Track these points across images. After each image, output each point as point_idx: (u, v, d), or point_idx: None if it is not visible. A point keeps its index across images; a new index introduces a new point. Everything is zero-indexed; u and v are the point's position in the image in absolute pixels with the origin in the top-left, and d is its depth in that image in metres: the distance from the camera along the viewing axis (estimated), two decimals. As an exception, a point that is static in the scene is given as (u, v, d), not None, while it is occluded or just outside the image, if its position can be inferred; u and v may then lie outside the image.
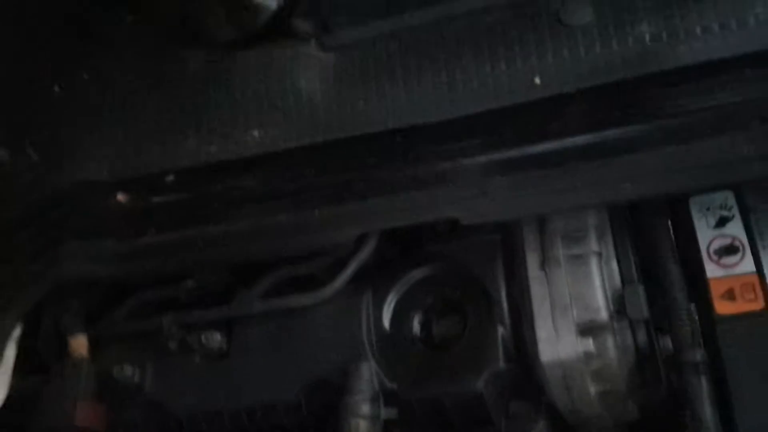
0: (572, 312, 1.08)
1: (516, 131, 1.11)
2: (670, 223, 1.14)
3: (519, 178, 1.08)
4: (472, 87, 1.14)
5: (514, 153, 1.10)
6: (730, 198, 1.14)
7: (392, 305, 1.20)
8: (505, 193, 1.08)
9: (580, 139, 1.08)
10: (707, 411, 1.01)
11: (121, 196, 1.29)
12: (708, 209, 1.15)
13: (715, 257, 1.12)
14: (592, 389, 1.10)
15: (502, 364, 1.11)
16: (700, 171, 1.01)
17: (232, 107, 1.26)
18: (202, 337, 1.25)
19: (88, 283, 1.28)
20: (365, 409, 1.11)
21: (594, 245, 1.11)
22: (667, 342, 1.10)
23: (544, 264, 1.11)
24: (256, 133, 1.25)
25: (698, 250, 1.12)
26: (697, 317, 1.08)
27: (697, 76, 1.04)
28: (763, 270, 1.08)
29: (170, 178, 1.27)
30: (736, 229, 1.13)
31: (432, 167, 1.13)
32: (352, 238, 1.15)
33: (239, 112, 1.26)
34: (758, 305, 1.07)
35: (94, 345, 1.29)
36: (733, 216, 1.14)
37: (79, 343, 1.28)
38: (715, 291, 1.10)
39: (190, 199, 1.26)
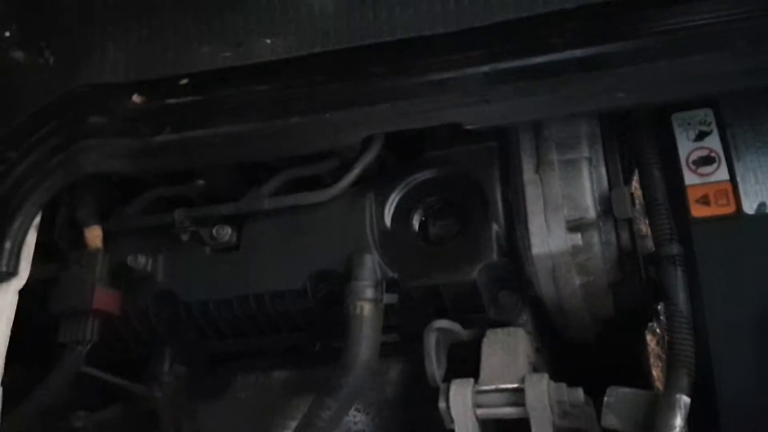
0: (563, 210, 1.19)
1: (518, 44, 1.19)
2: (653, 134, 1.24)
3: (520, 86, 1.17)
4: (478, 1, 1.22)
5: (516, 64, 1.18)
6: (709, 114, 1.25)
7: (394, 204, 1.29)
8: (506, 99, 1.16)
9: (578, 52, 1.16)
10: (681, 299, 1.12)
11: (137, 98, 1.34)
12: (689, 124, 1.26)
13: (693, 167, 1.22)
14: (577, 281, 1.21)
15: (495, 257, 1.21)
16: (688, 84, 1.10)
17: (246, 16, 1.32)
18: (214, 231, 1.33)
19: (103, 178, 1.35)
20: (369, 293, 1.21)
21: (585, 151, 1.21)
22: (646, 242, 1.21)
23: (538, 168, 1.21)
24: (269, 41, 1.31)
25: (678, 160, 1.23)
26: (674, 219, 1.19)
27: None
28: (736, 179, 1.19)
29: (184, 81, 1.33)
30: (713, 142, 1.24)
31: (437, 76, 1.21)
32: (359, 139, 1.23)
33: (253, 20, 1.32)
34: (730, 209, 1.18)
35: (107, 237, 1.36)
36: (711, 131, 1.24)
37: (95, 234, 1.35)
38: (692, 196, 1.21)
39: (203, 101, 1.32)
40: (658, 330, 1.69)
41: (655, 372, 1.76)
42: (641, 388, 1.53)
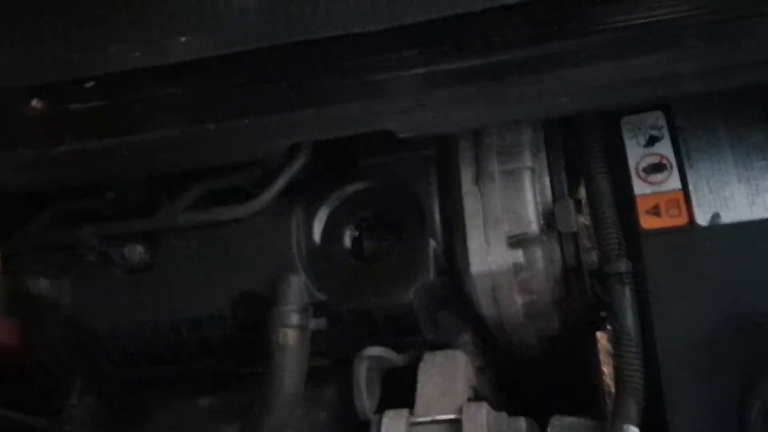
0: (504, 225, 1.09)
1: (455, 43, 1.09)
2: (601, 141, 1.16)
3: (457, 90, 1.06)
4: (412, -5, 1.12)
5: (452, 65, 1.08)
6: (660, 118, 1.17)
7: (323, 219, 1.18)
8: (443, 105, 1.06)
9: (519, 53, 1.06)
10: (629, 319, 1.04)
11: (36, 103, 1.21)
12: (639, 128, 1.17)
13: (643, 174, 1.14)
14: (519, 300, 1.12)
15: (432, 276, 1.11)
16: (637, 86, 1.01)
17: (158, 12, 1.19)
18: (124, 251, 1.20)
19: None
20: (294, 318, 1.10)
21: (528, 160, 1.12)
22: (592, 256, 1.13)
23: (478, 179, 1.11)
24: (183, 39, 1.18)
25: (627, 168, 1.15)
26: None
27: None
28: (688, 187, 1.11)
29: (90, 84, 1.20)
30: (664, 148, 1.15)
31: (367, 78, 1.10)
32: (282, 149, 1.12)
33: (165, 17, 1.19)
34: (682, 221, 1.10)
35: (5, 259, 1.23)
36: (662, 136, 1.16)
37: (-9, 257, 1.22)
38: (642, 207, 1.12)
39: (111, 106, 1.19)
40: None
41: (606, 369, 1.70)
42: (589, 401, 1.46)
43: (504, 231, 1.08)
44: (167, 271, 1.19)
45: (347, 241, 1.17)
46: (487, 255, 1.08)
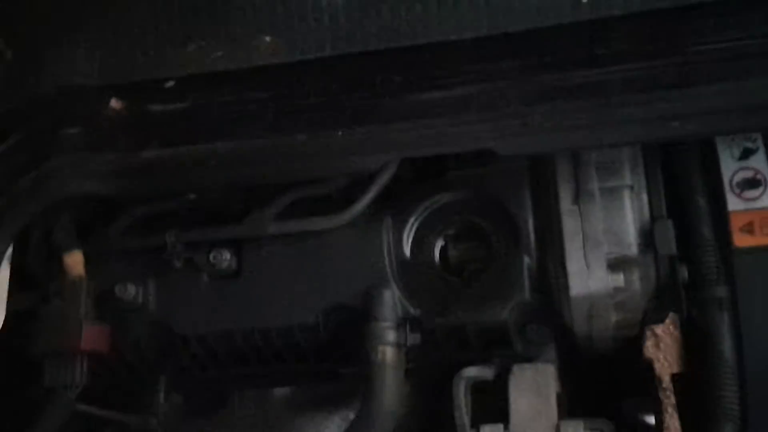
0: (604, 247, 1.08)
1: (558, 55, 1.05)
2: (698, 156, 1.13)
3: (561, 108, 1.04)
4: (513, 2, 1.07)
5: (556, 79, 1.05)
6: (755, 129, 1.15)
7: (413, 231, 1.16)
8: (547, 124, 1.03)
9: (627, 68, 1.03)
10: (727, 347, 1.04)
11: (115, 103, 1.17)
12: (732, 140, 1.14)
13: (737, 190, 1.12)
14: (613, 318, 1.12)
15: (527, 294, 1.11)
16: (757, 112, 0.98)
17: (241, 9, 1.14)
18: (211, 256, 1.19)
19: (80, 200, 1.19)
20: (391, 336, 1.10)
21: (627, 178, 1.10)
22: (684, 272, 1.12)
23: (578, 197, 1.09)
24: (267, 39, 1.14)
25: (721, 182, 1.12)
26: (718, 251, 1.10)
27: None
28: (783, 205, 1.10)
29: (170, 84, 1.16)
30: (759, 161, 1.13)
31: (467, 90, 1.07)
32: (377, 165, 1.09)
33: (249, 15, 1.14)
34: (776, 239, 1.10)
35: (88, 262, 1.21)
36: (757, 148, 1.14)
37: (75, 260, 1.20)
38: (735, 224, 1.11)
39: (195, 109, 1.16)
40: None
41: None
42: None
43: (604, 253, 1.08)
44: (256, 279, 1.18)
45: (437, 254, 1.16)
46: (588, 278, 1.07)
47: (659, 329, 1.12)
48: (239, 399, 1.38)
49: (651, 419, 1.29)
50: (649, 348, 1.14)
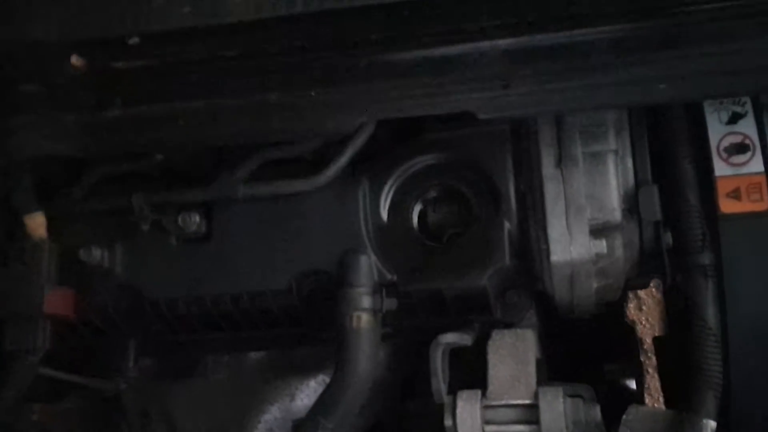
0: (587, 212, 1.05)
1: (542, 14, 1.01)
2: (685, 120, 1.10)
3: (543, 69, 1.00)
4: (494, -42, 1.01)
5: (538, 40, 1.00)
6: (744, 94, 1.11)
7: (390, 194, 1.13)
8: (530, 86, 0.99)
9: (613, 29, 0.98)
10: (711, 314, 1.03)
11: (75, 60, 1.11)
12: (721, 104, 1.11)
13: (724, 155, 1.09)
14: (594, 284, 1.10)
15: (507, 260, 1.08)
16: (747, 75, 0.94)
17: (209, -41, 1.08)
18: (179, 219, 1.15)
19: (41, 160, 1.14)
20: (367, 301, 1.08)
21: (612, 142, 1.06)
22: (668, 239, 1.10)
23: (560, 162, 1.06)
24: (237, -6, 1.08)
25: (708, 148, 1.09)
26: (703, 217, 1.08)
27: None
28: (771, 171, 1.07)
29: (134, 40, 1.10)
30: (747, 126, 1.10)
31: (447, 49, 1.02)
32: (353, 127, 1.05)
33: (217, -35, 1.08)
34: (763, 206, 1.06)
35: (51, 224, 1.17)
36: (746, 112, 1.11)
37: (37, 222, 1.15)
38: (722, 189, 1.08)
39: (161, 67, 1.10)
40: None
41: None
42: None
43: (587, 218, 1.05)
44: (226, 243, 1.15)
45: (415, 218, 1.13)
46: (569, 244, 1.05)
47: (642, 292, 1.11)
48: (212, 364, 1.36)
49: (632, 383, 1.29)
50: (631, 310, 1.12)
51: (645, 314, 1.14)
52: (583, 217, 1.05)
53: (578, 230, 1.05)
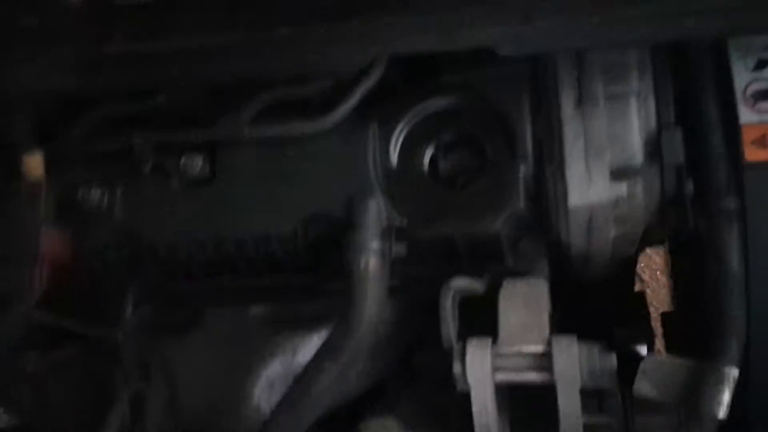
0: (607, 155, 1.01)
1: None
2: (709, 61, 1.06)
3: (566, 3, 0.95)
4: None
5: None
6: (771, 39, 1.07)
7: (401, 138, 1.09)
8: (554, 19, 0.95)
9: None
10: (736, 260, 0.99)
11: (73, -8, 1.07)
12: (747, 50, 1.07)
13: (750, 101, 1.05)
14: (612, 232, 1.06)
15: (521, 205, 1.04)
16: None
17: None
18: (182, 161, 1.11)
19: (38, 96, 1.10)
20: (375, 245, 1.04)
21: (635, 83, 1.02)
22: (690, 185, 1.06)
23: (580, 101, 1.02)
24: None
25: (733, 93, 1.05)
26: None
27: None
28: (798, 118, 1.03)
29: (135, -29, 1.05)
30: (775, 73, 1.06)
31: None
32: (365, 62, 1.00)
33: None
34: (789, 154, 1.03)
35: (49, 165, 1.13)
36: (773, 58, 1.07)
37: (35, 161, 1.11)
38: (747, 137, 1.04)
39: (163, 0, 1.06)
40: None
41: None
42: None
43: (607, 161, 1.01)
44: (230, 186, 1.11)
45: (425, 163, 1.09)
46: (588, 187, 1.01)
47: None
48: (213, 317, 1.32)
49: (642, 348, 1.27)
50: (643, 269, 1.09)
51: (650, 298, 1.11)
52: (603, 159, 1.01)
53: (598, 173, 1.01)
